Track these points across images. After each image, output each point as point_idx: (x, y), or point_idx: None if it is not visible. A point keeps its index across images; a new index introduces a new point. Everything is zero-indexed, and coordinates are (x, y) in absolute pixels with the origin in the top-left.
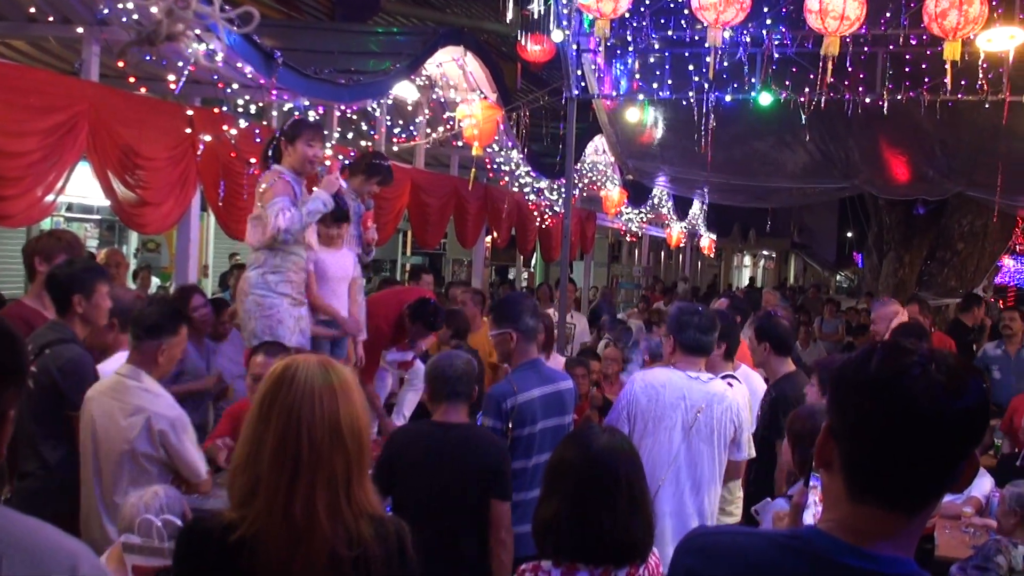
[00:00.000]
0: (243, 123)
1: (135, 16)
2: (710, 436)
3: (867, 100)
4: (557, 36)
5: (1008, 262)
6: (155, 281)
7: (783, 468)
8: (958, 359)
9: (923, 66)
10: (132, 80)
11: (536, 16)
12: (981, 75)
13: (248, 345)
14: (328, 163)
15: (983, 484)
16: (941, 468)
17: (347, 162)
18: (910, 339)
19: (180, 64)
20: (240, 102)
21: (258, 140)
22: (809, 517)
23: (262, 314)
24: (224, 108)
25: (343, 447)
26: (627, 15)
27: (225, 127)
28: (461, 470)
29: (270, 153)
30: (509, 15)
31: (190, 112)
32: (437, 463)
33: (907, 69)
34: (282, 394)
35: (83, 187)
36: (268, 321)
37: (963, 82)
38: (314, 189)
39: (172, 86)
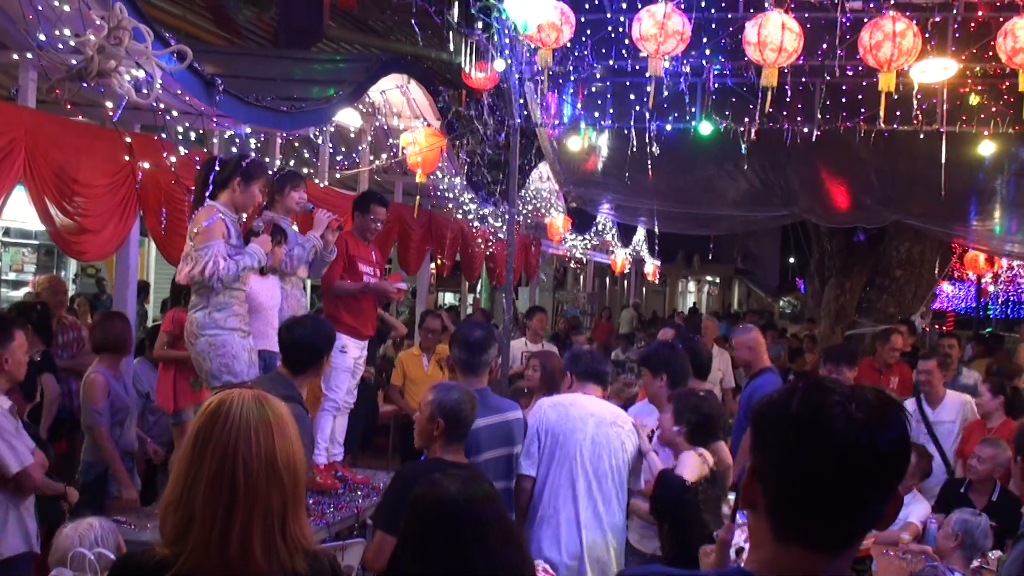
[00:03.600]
0: (183, 150)
1: (72, 43)
2: (618, 450)
3: (805, 130)
4: (500, 65)
5: (947, 287)
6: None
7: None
8: (879, 395)
9: (859, 96)
10: (69, 107)
11: (482, 40)
12: (915, 105)
13: (208, 386)
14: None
15: (920, 510)
16: (864, 506)
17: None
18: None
19: (119, 91)
20: (180, 129)
21: (199, 168)
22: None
23: (216, 353)
24: (164, 135)
25: (279, 482)
26: (569, 45)
27: (165, 154)
28: None
29: (210, 181)
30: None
31: (129, 139)
32: None
33: (843, 100)
34: (217, 429)
35: (21, 212)
36: (223, 359)
37: (898, 112)
38: (251, 243)
39: (111, 113)
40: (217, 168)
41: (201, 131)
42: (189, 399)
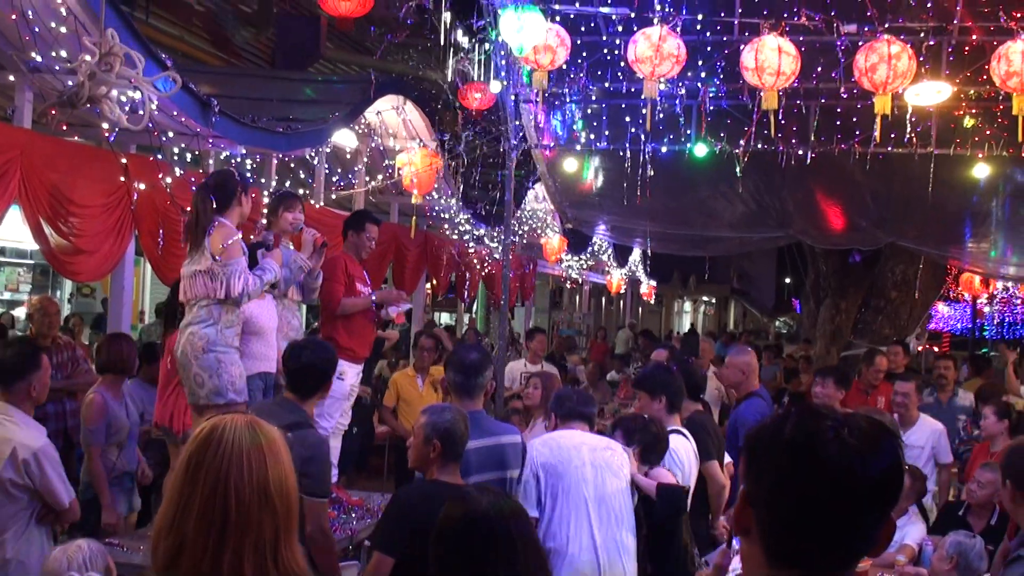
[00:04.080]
0: (179, 171)
1: (69, 65)
2: (619, 471)
3: (800, 152)
4: (495, 87)
5: (943, 308)
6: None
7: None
8: (871, 422)
9: (854, 119)
10: (65, 128)
11: (476, 67)
12: (910, 128)
13: (208, 402)
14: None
15: (916, 532)
16: (857, 531)
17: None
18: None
19: (110, 116)
20: (176, 150)
21: (195, 188)
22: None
23: (224, 371)
24: (160, 156)
25: (271, 509)
26: (564, 67)
27: (160, 175)
28: None
29: (212, 204)
30: (449, 72)
31: (124, 160)
32: None
33: (838, 122)
34: (209, 455)
35: (16, 232)
36: (231, 377)
37: (892, 135)
38: (263, 257)
39: (106, 134)
40: (214, 195)
41: (197, 152)
42: None
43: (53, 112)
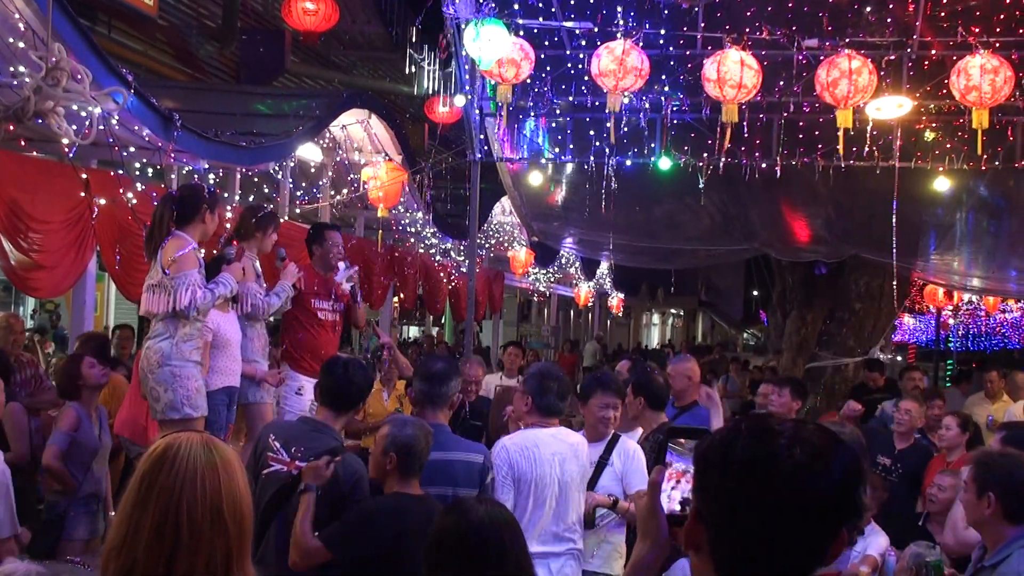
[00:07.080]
0: (140, 186)
1: (27, 80)
2: (580, 483)
3: (764, 165)
4: (460, 100)
5: (908, 320)
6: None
7: None
8: (822, 435)
9: (817, 132)
10: (24, 143)
11: (438, 80)
12: (871, 142)
13: (163, 417)
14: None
15: (879, 542)
16: (810, 547)
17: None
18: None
19: (57, 130)
20: (138, 164)
21: (156, 203)
22: (664, 499)
23: (179, 384)
24: (121, 171)
25: (224, 529)
26: (529, 81)
27: (122, 190)
28: None
29: (173, 215)
30: (416, 85)
31: (85, 175)
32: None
33: (801, 136)
34: (163, 475)
35: None
36: (187, 391)
37: (855, 148)
38: (222, 271)
39: (66, 149)
40: (176, 207)
41: (159, 166)
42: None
43: (12, 128)
